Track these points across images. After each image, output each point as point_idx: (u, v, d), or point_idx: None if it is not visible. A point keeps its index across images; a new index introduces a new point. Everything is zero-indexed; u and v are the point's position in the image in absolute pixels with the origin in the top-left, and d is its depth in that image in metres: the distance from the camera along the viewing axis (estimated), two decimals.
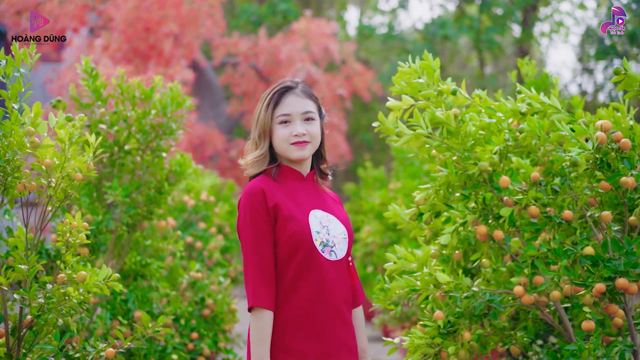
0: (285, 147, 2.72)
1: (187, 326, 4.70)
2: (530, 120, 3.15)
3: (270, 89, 2.79)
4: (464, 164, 3.23)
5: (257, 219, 2.63)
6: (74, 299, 3.03)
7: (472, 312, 3.20)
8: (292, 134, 2.71)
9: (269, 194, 2.66)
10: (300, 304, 2.63)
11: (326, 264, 2.68)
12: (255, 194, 2.64)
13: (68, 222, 3.07)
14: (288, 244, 2.64)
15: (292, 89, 2.77)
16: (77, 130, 2.99)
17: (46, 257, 4.14)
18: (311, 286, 2.64)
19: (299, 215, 2.67)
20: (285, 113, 2.72)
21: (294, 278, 2.63)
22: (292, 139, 2.71)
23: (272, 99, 2.74)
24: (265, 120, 2.73)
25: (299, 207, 2.71)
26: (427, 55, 3.41)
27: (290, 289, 2.64)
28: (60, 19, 12.34)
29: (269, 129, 2.73)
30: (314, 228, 2.68)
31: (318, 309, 2.64)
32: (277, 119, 2.72)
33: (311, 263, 2.65)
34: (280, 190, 2.71)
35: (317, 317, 2.64)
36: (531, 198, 3.18)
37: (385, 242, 7.90)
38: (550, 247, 3.13)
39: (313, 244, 2.66)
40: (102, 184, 4.55)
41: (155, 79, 4.61)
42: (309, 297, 2.63)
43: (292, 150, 2.72)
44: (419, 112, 3.25)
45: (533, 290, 3.11)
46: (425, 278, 3.22)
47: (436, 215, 3.36)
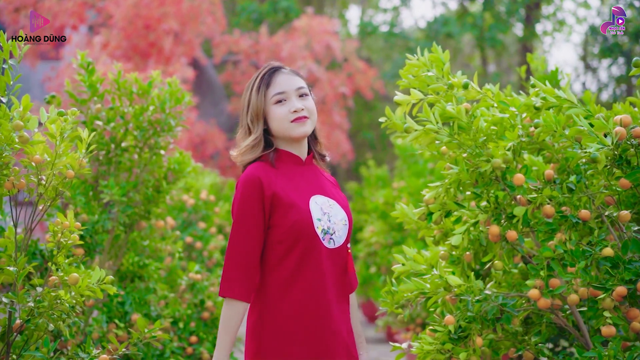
0: (286, 126, 2.63)
1: (186, 329, 4.55)
2: (547, 114, 2.99)
3: (256, 74, 2.73)
4: (475, 161, 3.08)
5: (250, 209, 2.55)
6: (66, 303, 2.88)
7: (484, 317, 3.05)
8: (290, 111, 2.63)
9: (266, 183, 2.57)
10: (299, 298, 2.56)
11: (325, 252, 2.62)
12: (251, 183, 2.56)
13: (60, 222, 2.92)
14: (290, 233, 2.56)
15: (279, 69, 2.71)
16: (69, 125, 2.84)
17: (40, 258, 3.99)
18: (310, 277, 2.57)
19: (299, 203, 2.60)
20: (280, 91, 2.65)
21: (294, 268, 2.57)
22: (291, 116, 2.63)
23: (262, 81, 2.68)
24: (258, 103, 2.66)
25: (299, 193, 2.63)
26: (436, 47, 3.26)
27: (290, 279, 2.57)
28: (59, 16, 12.22)
29: (262, 111, 2.66)
30: (315, 215, 2.61)
31: (317, 301, 2.58)
32: (271, 100, 2.65)
33: (312, 252, 2.58)
34: (279, 177, 2.62)
35: (316, 313, 2.57)
36: (546, 197, 3.02)
37: (389, 242, 7.74)
38: (567, 248, 2.98)
39: (315, 232, 2.59)
40: (99, 183, 4.41)
41: (153, 74, 4.46)
42: (308, 289, 2.57)
43: (294, 127, 2.64)
44: (428, 107, 3.10)
45: (549, 294, 2.95)
46: (436, 281, 3.06)
47: (446, 214, 3.20)
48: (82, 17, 12.52)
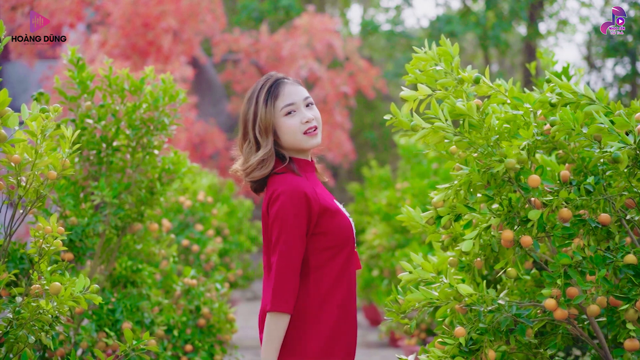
0: (299, 138, 2.61)
1: (181, 337, 4.34)
2: (564, 111, 2.78)
3: (260, 85, 2.66)
4: (487, 161, 2.87)
5: (299, 225, 2.54)
6: (48, 314, 2.67)
7: (497, 328, 2.85)
8: (302, 122, 2.60)
9: (312, 196, 2.56)
10: (341, 300, 2.60)
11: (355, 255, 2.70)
12: (298, 199, 2.53)
13: (41, 227, 2.71)
14: (339, 239, 2.60)
15: (283, 79, 2.67)
16: (50, 123, 2.63)
17: (28, 263, 3.79)
18: (349, 280, 2.63)
19: (339, 208, 2.66)
20: (290, 103, 2.61)
21: (339, 272, 2.60)
22: (302, 127, 2.60)
23: (269, 93, 2.62)
24: (267, 115, 2.60)
25: (331, 199, 2.68)
26: (445, 40, 3.06)
27: (335, 283, 2.59)
28: (56, 15, 12.07)
29: (272, 124, 2.61)
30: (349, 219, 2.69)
31: (352, 303, 2.64)
32: (281, 112, 2.61)
33: (352, 256, 2.65)
34: (314, 186, 2.63)
35: (351, 314, 2.64)
36: (562, 199, 2.82)
37: (392, 244, 7.54)
38: (585, 254, 2.78)
39: (354, 237, 2.68)
40: (89, 184, 4.21)
41: (147, 70, 4.27)
42: (347, 291, 2.62)
43: (306, 139, 2.62)
44: (436, 103, 2.89)
45: (567, 304, 2.75)
46: (445, 290, 2.85)
47: (456, 218, 3.00)
48: (79, 15, 12.38)
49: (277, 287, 2.51)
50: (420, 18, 24.66)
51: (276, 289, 2.50)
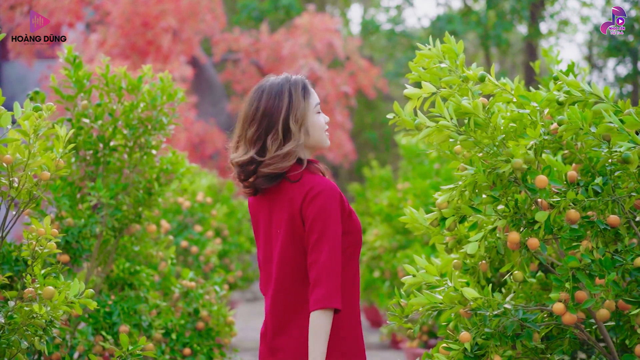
0: (323, 136, 2.65)
1: (179, 341, 4.26)
2: (572, 110, 2.71)
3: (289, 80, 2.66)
4: (493, 161, 2.80)
5: (339, 222, 2.55)
6: (42, 318, 2.60)
7: (503, 333, 2.77)
8: (326, 122, 2.68)
9: (343, 196, 2.60)
10: (357, 298, 2.63)
11: None
12: (338, 196, 2.56)
13: (34, 229, 2.64)
14: (357, 238, 2.62)
15: None
16: (44, 122, 2.56)
17: (24, 265, 3.71)
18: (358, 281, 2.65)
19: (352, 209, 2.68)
20: (319, 102, 2.69)
21: (355, 270, 2.63)
22: (325, 126, 2.67)
23: (304, 89, 2.65)
24: (304, 109, 2.62)
25: None
26: (449, 37, 2.98)
27: (354, 281, 2.62)
28: (55, 14, 12.00)
29: (305, 118, 2.63)
30: None
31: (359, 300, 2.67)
32: (315, 108, 2.65)
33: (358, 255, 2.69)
34: None
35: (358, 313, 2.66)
36: (570, 200, 2.74)
37: (394, 245, 7.45)
38: (594, 257, 2.70)
39: None
40: (86, 184, 4.14)
41: (144, 68, 4.19)
42: (358, 293, 2.65)
43: (326, 138, 2.68)
44: (441, 102, 2.81)
45: (576, 308, 2.67)
46: (450, 293, 2.76)
47: (460, 220, 2.92)
48: (78, 14, 12.31)
49: (330, 283, 2.47)
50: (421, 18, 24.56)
51: (330, 285, 2.46)
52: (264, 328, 2.63)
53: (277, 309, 2.56)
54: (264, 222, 2.63)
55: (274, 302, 2.56)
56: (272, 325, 2.57)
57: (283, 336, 2.55)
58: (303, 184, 2.55)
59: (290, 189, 2.56)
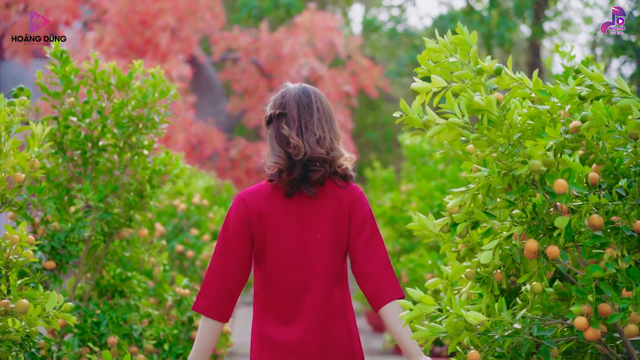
0: None
1: (172, 352, 4.02)
2: (596, 105, 2.47)
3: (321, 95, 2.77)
4: (509, 162, 2.57)
5: None
6: (17, 334, 2.37)
7: (517, 351, 2.54)
8: None
9: None
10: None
11: None
12: None
13: (8, 236, 2.41)
14: None
15: None
16: (16, 118, 2.33)
17: None
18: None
19: None
20: None
21: None
22: None
23: None
24: None
25: None
26: (461, 28, 2.75)
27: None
28: (51, 12, 11.85)
29: None
30: None
31: None
32: None
33: None
34: None
35: None
36: (592, 205, 2.51)
37: (397, 249, 7.22)
38: (619, 266, 2.47)
39: None
40: (73, 186, 3.92)
41: (135, 64, 3.97)
42: None
43: None
44: (452, 97, 2.58)
45: (599, 322, 2.44)
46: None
47: (473, 226, 2.69)
48: (75, 12, 12.16)
49: (395, 275, 2.70)
50: (423, 17, 24.35)
51: (395, 277, 2.70)
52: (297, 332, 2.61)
53: (324, 311, 2.64)
54: (292, 226, 2.64)
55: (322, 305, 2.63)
56: (317, 329, 2.62)
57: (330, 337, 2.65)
58: (349, 187, 2.77)
59: (332, 191, 2.70)
